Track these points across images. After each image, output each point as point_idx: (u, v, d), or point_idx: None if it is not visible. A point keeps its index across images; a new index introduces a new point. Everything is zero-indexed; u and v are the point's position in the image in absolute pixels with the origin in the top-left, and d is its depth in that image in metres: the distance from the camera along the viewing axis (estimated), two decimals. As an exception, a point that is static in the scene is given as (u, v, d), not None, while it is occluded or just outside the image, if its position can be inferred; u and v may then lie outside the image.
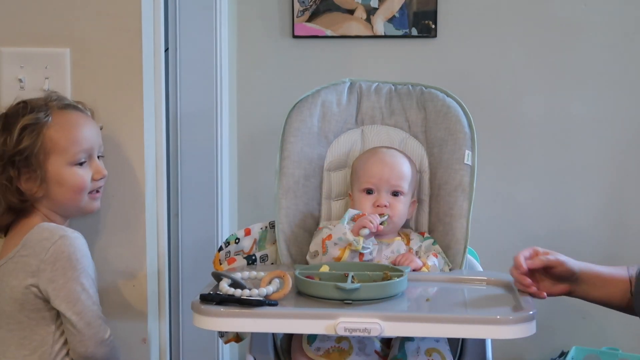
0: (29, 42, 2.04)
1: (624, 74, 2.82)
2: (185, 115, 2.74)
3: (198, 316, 1.63)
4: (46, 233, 1.81)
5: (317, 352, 1.87)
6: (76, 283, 1.80)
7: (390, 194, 2.00)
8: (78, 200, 1.88)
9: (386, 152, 2.06)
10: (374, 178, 2.00)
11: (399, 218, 2.01)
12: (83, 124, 1.90)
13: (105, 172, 1.92)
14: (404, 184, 2.01)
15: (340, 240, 1.91)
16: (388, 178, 2.00)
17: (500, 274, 1.91)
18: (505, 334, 1.60)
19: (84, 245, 1.85)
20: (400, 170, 2.01)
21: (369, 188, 2.01)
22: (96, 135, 1.92)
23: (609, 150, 2.84)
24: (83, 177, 1.87)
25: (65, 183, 1.85)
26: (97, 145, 1.91)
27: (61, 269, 1.79)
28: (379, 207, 1.98)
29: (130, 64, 2.04)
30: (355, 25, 2.83)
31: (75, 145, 1.85)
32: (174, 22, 2.71)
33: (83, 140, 1.87)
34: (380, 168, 2.01)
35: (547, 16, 2.81)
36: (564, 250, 1.88)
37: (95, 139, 1.91)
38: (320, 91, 2.14)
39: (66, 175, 1.85)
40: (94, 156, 1.90)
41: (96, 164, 1.90)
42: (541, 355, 2.89)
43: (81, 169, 1.87)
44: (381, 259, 1.97)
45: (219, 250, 2.06)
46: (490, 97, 2.84)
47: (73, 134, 1.86)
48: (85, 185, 1.87)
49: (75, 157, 1.85)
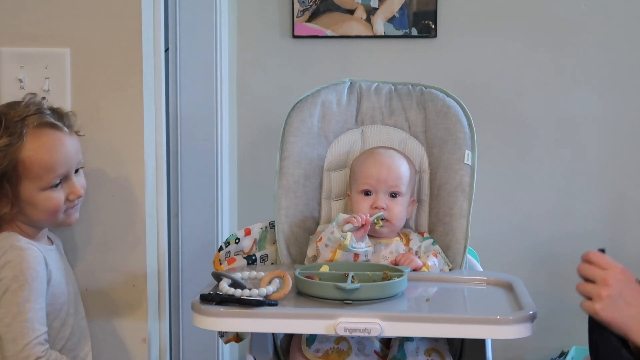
0: (29, 42, 2.03)
1: (624, 74, 2.82)
2: (185, 115, 2.74)
3: (198, 316, 1.63)
4: (1, 243, 1.75)
5: (316, 354, 1.87)
6: (15, 295, 1.70)
7: (388, 195, 2.00)
8: (53, 219, 1.81)
9: (384, 152, 2.06)
10: (371, 179, 2.00)
11: (397, 220, 2.00)
12: (59, 147, 1.77)
13: (81, 192, 1.82)
14: (402, 185, 2.00)
15: (330, 241, 1.91)
16: (386, 179, 1.99)
17: (500, 274, 1.91)
18: (505, 334, 1.60)
19: (35, 258, 1.75)
20: (398, 171, 2.01)
21: (367, 189, 2.00)
22: (74, 153, 1.81)
23: (609, 149, 2.84)
24: (57, 200, 1.77)
25: (39, 206, 1.77)
26: (75, 163, 1.81)
27: (4, 278, 1.71)
28: (376, 208, 1.98)
29: (130, 64, 2.04)
30: (355, 25, 2.83)
31: (49, 173, 1.75)
32: (174, 22, 2.71)
33: (58, 165, 1.76)
34: (378, 169, 2.01)
35: (547, 16, 2.81)
36: (564, 250, 1.88)
37: (72, 159, 1.80)
38: (320, 91, 2.14)
39: (39, 199, 1.76)
40: (70, 175, 1.80)
41: (72, 183, 1.80)
42: (541, 355, 2.89)
43: (55, 192, 1.77)
44: (380, 259, 1.97)
45: (219, 250, 2.06)
46: (490, 97, 2.84)
47: (48, 160, 1.75)
48: (58, 208, 1.78)
49: (49, 183, 1.76)
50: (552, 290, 2.86)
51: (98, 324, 2.09)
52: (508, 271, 1.98)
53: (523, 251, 2.88)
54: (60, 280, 1.83)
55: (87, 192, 2.01)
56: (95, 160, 2.06)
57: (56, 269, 1.82)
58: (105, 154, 2.03)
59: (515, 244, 2.88)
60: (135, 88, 2.04)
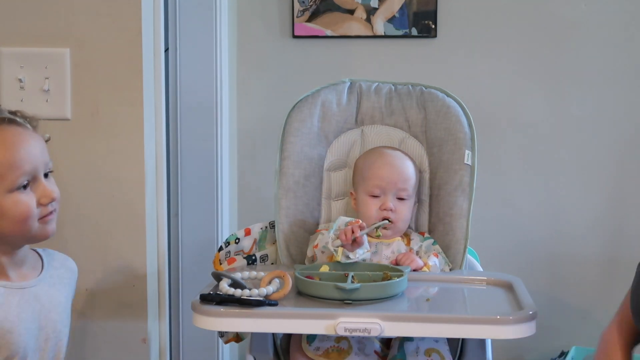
0: (29, 42, 2.04)
1: (624, 74, 2.82)
2: (185, 115, 2.74)
3: (198, 316, 1.63)
4: None
5: (316, 352, 1.87)
6: None
7: (396, 197, 2.00)
8: (25, 230, 1.59)
9: (393, 154, 2.05)
10: (382, 181, 1.99)
11: (403, 222, 2.00)
12: (22, 142, 1.60)
13: (54, 195, 1.62)
14: (410, 187, 2.01)
15: (325, 249, 1.92)
16: (396, 182, 1.99)
17: (500, 274, 1.91)
18: (505, 334, 1.60)
19: None
20: (407, 173, 2.01)
21: (375, 191, 2.00)
22: (40, 151, 1.62)
23: (609, 150, 2.84)
24: (27, 204, 1.58)
25: (7, 213, 1.57)
26: (42, 164, 1.62)
27: None
28: (384, 210, 1.98)
29: (130, 64, 2.04)
30: (355, 25, 2.83)
31: (13, 170, 1.56)
32: (174, 22, 2.71)
33: (22, 161, 1.58)
34: (389, 171, 2.00)
35: (547, 16, 2.81)
36: (565, 250, 1.88)
37: (38, 157, 1.61)
38: (320, 91, 2.14)
39: (6, 204, 1.57)
40: (38, 177, 1.61)
41: (43, 185, 1.61)
42: (541, 355, 2.89)
43: (24, 195, 1.58)
44: (381, 259, 1.97)
45: (219, 250, 2.06)
46: (490, 97, 2.84)
47: (9, 157, 1.57)
48: (30, 213, 1.58)
49: (14, 183, 1.57)
50: (552, 291, 2.86)
51: (98, 324, 2.09)
52: (508, 271, 1.98)
53: (523, 251, 2.87)
54: (20, 330, 1.60)
55: (87, 192, 2.02)
56: (96, 160, 2.06)
57: (16, 316, 1.60)
58: (105, 153, 2.03)
59: (515, 244, 2.88)
60: (135, 88, 2.05)
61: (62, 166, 2.06)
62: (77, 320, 2.09)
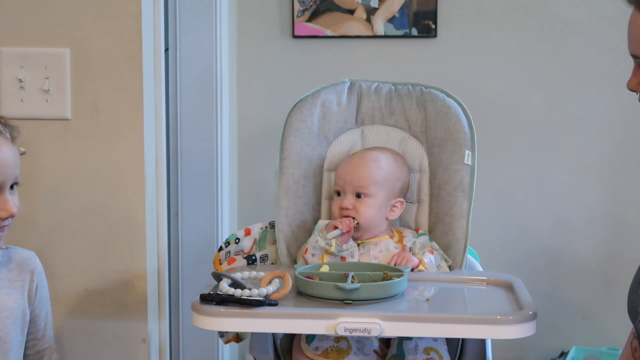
0: (29, 42, 2.04)
1: (624, 74, 2.81)
2: (185, 115, 2.74)
3: (198, 316, 1.63)
4: None
5: (315, 352, 1.87)
6: None
7: (354, 195, 2.00)
8: None
9: (362, 154, 2.05)
10: (340, 180, 2.02)
11: (366, 220, 1.98)
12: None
13: (13, 211, 1.52)
14: (370, 185, 1.98)
15: (316, 249, 1.92)
16: (350, 180, 1.99)
17: (500, 274, 1.91)
18: (505, 334, 1.60)
19: None
20: (364, 172, 1.99)
21: (337, 190, 2.02)
22: (13, 163, 1.53)
23: (609, 150, 2.83)
24: None
25: None
26: (11, 176, 1.52)
27: None
28: (342, 209, 1.98)
29: (130, 64, 2.04)
30: (355, 25, 2.83)
31: None
32: (174, 22, 2.71)
33: None
34: (345, 170, 2.02)
35: (547, 16, 2.81)
36: (564, 250, 1.88)
37: (9, 168, 1.51)
38: (320, 91, 2.14)
39: None
40: (3, 189, 1.51)
41: (5, 199, 1.51)
42: (541, 355, 2.88)
43: None
44: (370, 259, 1.97)
45: (219, 250, 2.06)
46: (490, 97, 2.84)
47: None
48: None
49: None
50: (552, 290, 2.86)
51: (98, 324, 2.09)
52: (508, 271, 1.98)
53: (523, 251, 2.87)
54: None
55: (87, 192, 2.01)
56: (96, 160, 2.06)
57: None
58: (105, 154, 2.03)
59: (515, 244, 2.87)
60: (135, 88, 2.05)
61: (61, 166, 2.07)
62: (77, 320, 2.10)
